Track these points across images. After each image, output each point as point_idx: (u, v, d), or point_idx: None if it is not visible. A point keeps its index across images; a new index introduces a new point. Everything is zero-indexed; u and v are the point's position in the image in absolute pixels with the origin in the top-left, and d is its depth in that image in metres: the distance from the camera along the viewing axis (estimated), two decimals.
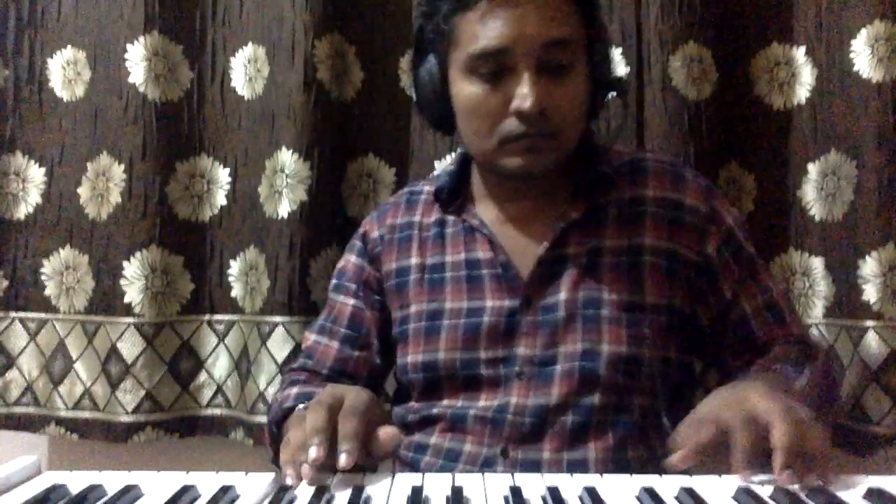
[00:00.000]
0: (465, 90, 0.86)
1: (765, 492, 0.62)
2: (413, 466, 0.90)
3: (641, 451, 0.86)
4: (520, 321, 0.88)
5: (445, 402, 0.91)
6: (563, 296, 0.88)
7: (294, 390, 0.93)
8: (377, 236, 1.02)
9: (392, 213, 1.03)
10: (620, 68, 1.26)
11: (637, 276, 0.89)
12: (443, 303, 0.92)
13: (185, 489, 0.62)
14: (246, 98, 1.35)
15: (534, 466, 0.84)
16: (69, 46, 1.38)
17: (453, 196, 0.97)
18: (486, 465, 0.85)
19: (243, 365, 1.32)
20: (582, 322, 0.87)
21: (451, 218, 0.97)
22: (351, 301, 1.01)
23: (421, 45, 0.93)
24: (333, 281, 1.06)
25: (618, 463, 0.84)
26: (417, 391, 0.93)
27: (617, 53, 1.28)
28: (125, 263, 1.32)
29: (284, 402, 0.90)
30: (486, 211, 0.96)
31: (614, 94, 0.95)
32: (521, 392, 0.86)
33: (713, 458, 0.68)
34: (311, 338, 1.03)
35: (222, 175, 1.37)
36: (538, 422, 0.85)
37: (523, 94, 0.81)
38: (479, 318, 0.89)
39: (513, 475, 0.67)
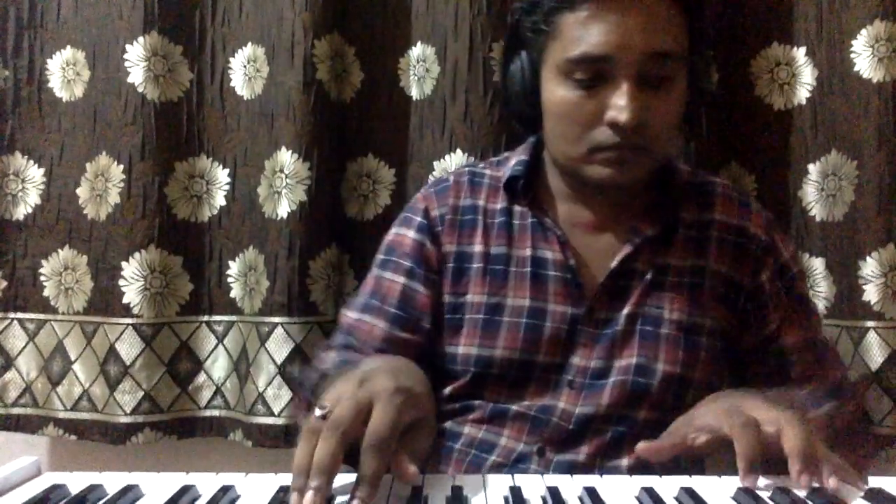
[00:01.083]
0: (559, 93, 0.83)
1: (765, 492, 0.62)
2: (442, 454, 0.88)
3: (670, 463, 0.85)
4: (581, 331, 0.88)
5: (488, 395, 0.89)
6: (626, 310, 0.87)
7: (333, 354, 0.88)
8: (438, 214, 0.95)
9: (454, 192, 0.97)
10: None
11: (698, 299, 0.89)
12: (504, 298, 0.90)
13: (185, 489, 0.62)
14: (245, 98, 1.35)
15: (568, 469, 0.83)
16: (68, 47, 1.37)
17: (526, 188, 0.93)
18: (520, 462, 0.85)
19: (242, 366, 1.32)
20: (640, 338, 0.87)
21: (518, 209, 0.93)
22: (402, 279, 0.94)
23: (515, 40, 0.90)
24: (381, 256, 0.98)
25: (648, 472, 0.84)
26: (459, 382, 0.90)
27: None
28: (124, 264, 1.31)
29: (322, 365, 0.86)
30: (557, 210, 0.93)
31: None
32: (571, 399, 0.86)
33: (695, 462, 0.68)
34: (352, 316, 0.95)
35: (221, 175, 1.37)
36: (581, 428, 0.85)
37: (621, 106, 0.79)
38: (542, 321, 0.88)
39: (513, 476, 0.67)
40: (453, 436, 0.89)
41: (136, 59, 1.32)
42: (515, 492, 0.62)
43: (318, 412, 0.62)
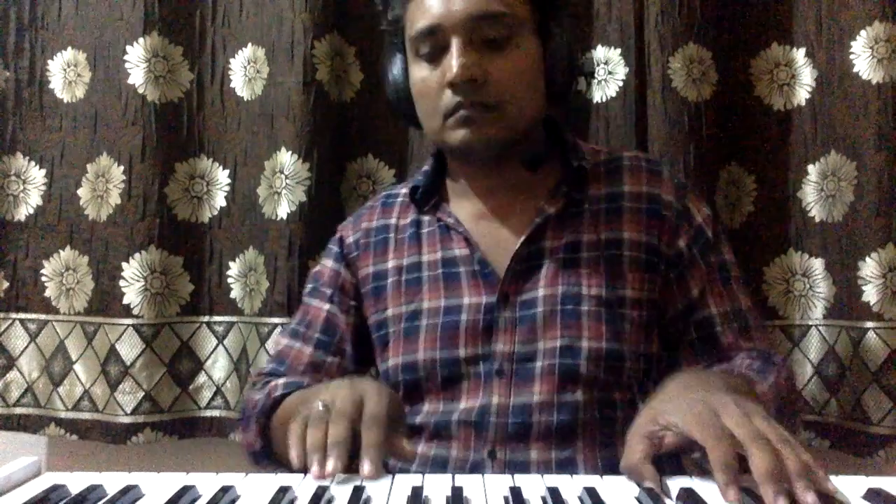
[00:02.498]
0: (414, 74, 0.89)
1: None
2: None
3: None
4: (498, 318, 0.88)
5: (427, 407, 0.90)
6: (541, 291, 0.87)
7: (281, 381, 0.91)
8: (352, 241, 1.01)
9: (367, 216, 1.03)
10: (620, 69, 1.27)
11: (617, 271, 0.88)
12: (420, 303, 0.92)
13: (185, 489, 0.62)
14: (245, 99, 1.35)
15: (522, 467, 0.83)
16: (69, 48, 1.38)
17: (428, 195, 0.97)
18: (475, 469, 0.84)
19: (242, 366, 1.32)
20: (561, 317, 0.86)
21: (426, 218, 0.97)
22: (325, 306, 1.00)
23: (387, 40, 0.96)
24: (308, 285, 1.04)
25: (607, 461, 0.84)
26: (400, 396, 0.92)
27: (616, 54, 1.28)
28: (124, 264, 1.32)
29: (273, 392, 0.88)
30: (461, 208, 0.95)
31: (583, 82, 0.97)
32: (503, 391, 0.86)
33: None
34: (282, 342, 1.01)
35: (221, 176, 1.37)
36: (522, 422, 0.84)
37: (450, 65, 0.83)
38: (457, 315, 0.89)
39: (513, 477, 0.67)
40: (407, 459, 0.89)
41: (136, 60, 1.32)
42: (515, 492, 0.62)
43: (320, 406, 0.70)
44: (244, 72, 1.35)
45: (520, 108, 0.87)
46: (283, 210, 1.28)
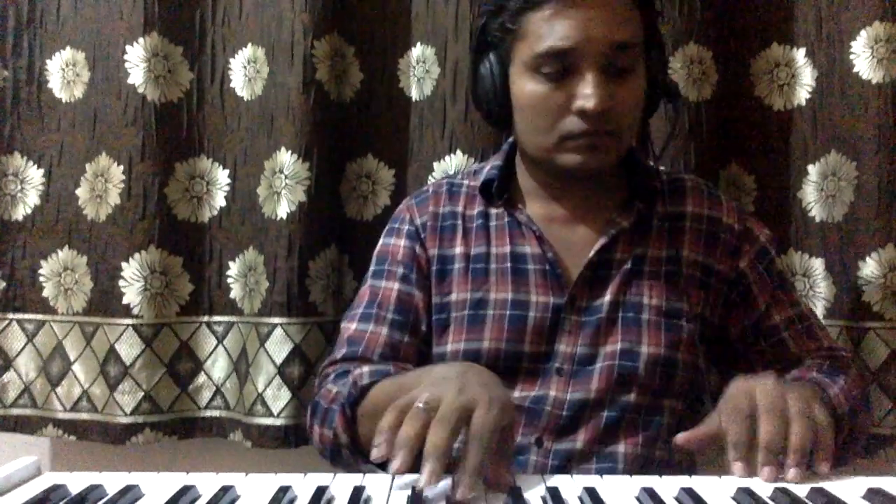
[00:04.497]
0: (528, 87, 0.88)
1: (764, 492, 0.62)
2: None
3: (667, 452, 0.89)
4: (564, 320, 0.91)
5: None
6: (607, 298, 0.91)
7: (366, 368, 0.89)
8: (420, 222, 1.01)
9: (433, 201, 1.02)
10: None
11: (676, 285, 0.92)
12: (487, 293, 0.93)
13: (185, 489, 0.62)
14: (245, 99, 1.35)
15: (566, 457, 0.87)
16: (68, 47, 1.37)
17: (501, 190, 0.97)
18: (520, 454, 0.87)
19: (242, 366, 1.32)
20: (623, 324, 0.90)
21: (494, 211, 0.98)
22: (396, 285, 0.98)
23: (483, 42, 0.93)
24: (373, 268, 1.02)
25: (646, 460, 0.88)
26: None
27: None
28: (124, 264, 1.31)
29: (359, 381, 0.86)
30: (532, 208, 0.97)
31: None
32: (560, 387, 0.89)
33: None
34: (351, 327, 0.98)
35: (221, 176, 1.37)
36: (575, 415, 0.88)
37: (587, 94, 0.83)
38: (525, 311, 0.91)
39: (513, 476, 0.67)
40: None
41: (136, 59, 1.32)
42: (515, 492, 0.62)
43: (421, 403, 0.65)
44: (244, 72, 1.35)
45: (631, 134, 0.91)
46: (283, 210, 1.28)
